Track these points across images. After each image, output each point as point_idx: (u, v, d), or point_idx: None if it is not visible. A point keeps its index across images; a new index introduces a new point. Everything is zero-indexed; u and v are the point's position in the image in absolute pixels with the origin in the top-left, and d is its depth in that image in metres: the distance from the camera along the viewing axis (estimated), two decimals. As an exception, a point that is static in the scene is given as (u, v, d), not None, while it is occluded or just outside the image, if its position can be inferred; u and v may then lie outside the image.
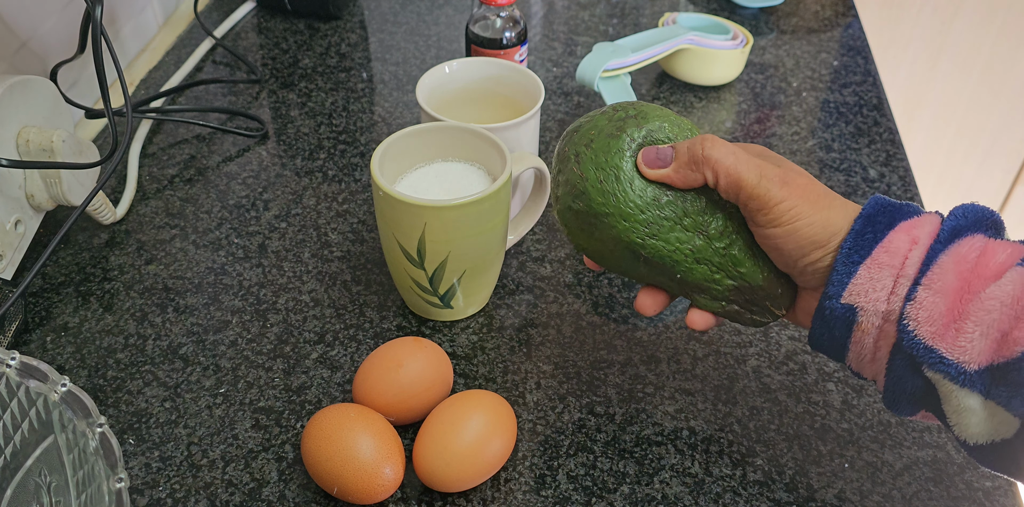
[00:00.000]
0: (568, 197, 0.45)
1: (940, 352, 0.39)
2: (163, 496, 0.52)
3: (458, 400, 0.52)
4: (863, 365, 0.43)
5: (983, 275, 0.39)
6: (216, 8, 0.96)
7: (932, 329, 0.39)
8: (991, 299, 0.38)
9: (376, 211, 0.57)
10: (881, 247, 0.41)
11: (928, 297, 0.39)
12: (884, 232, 0.41)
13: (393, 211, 0.54)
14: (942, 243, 0.40)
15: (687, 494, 0.52)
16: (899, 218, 0.42)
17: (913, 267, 0.40)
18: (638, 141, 0.45)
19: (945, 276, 0.39)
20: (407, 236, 0.55)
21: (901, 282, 0.40)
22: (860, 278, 0.41)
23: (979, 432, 0.40)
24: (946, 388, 0.39)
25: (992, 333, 0.38)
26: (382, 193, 0.54)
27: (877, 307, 0.41)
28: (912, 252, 0.40)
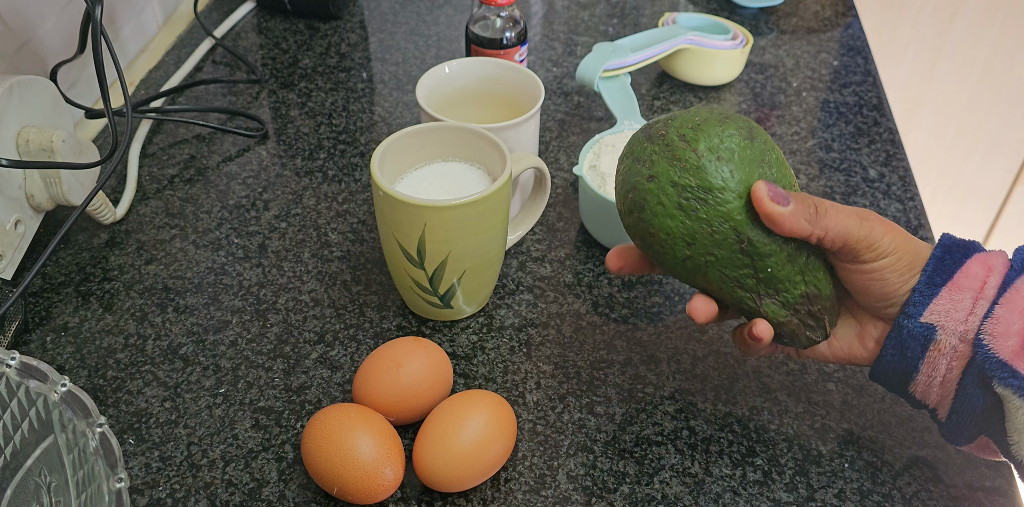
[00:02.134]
0: (673, 171, 0.44)
1: (1013, 366, 0.41)
2: (163, 496, 0.52)
3: (458, 400, 0.52)
4: (931, 389, 0.46)
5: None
6: (216, 8, 0.96)
7: (1007, 344, 0.42)
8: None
9: (376, 211, 0.57)
10: (961, 272, 0.44)
11: (1004, 314, 0.42)
12: (962, 260, 0.45)
13: (393, 211, 0.54)
14: (1016, 271, 0.44)
15: (687, 494, 0.52)
16: (973, 250, 0.45)
17: (992, 289, 0.43)
18: (744, 132, 0.45)
19: (1020, 296, 0.42)
20: (407, 236, 0.55)
21: (980, 303, 0.44)
22: (941, 299, 0.44)
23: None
24: (1014, 404, 0.41)
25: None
26: (382, 193, 0.54)
27: (956, 327, 0.44)
28: (990, 277, 0.44)
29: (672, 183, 0.45)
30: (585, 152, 0.68)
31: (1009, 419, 0.42)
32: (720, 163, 0.44)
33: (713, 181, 0.44)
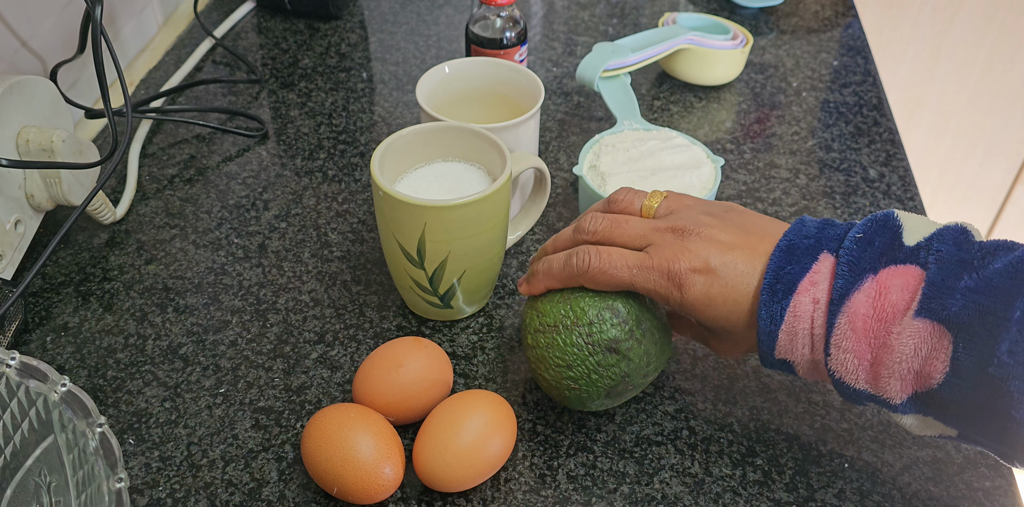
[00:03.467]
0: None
1: (867, 391, 0.44)
2: (163, 496, 0.52)
3: (458, 400, 0.52)
4: (816, 378, 0.48)
5: (882, 319, 0.43)
6: (216, 8, 0.96)
7: (853, 377, 0.44)
8: (896, 351, 0.42)
9: (376, 211, 0.57)
10: (790, 313, 0.45)
11: (839, 354, 0.44)
12: (787, 298, 0.45)
13: (393, 211, 0.54)
14: (835, 304, 0.44)
15: (687, 494, 0.52)
16: (798, 276, 0.45)
17: (820, 327, 0.44)
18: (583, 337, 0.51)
19: (847, 335, 0.43)
20: (407, 236, 0.55)
21: (816, 340, 0.45)
22: (782, 341, 0.46)
23: (925, 433, 0.45)
24: (885, 411, 0.46)
25: (907, 375, 0.42)
26: (382, 193, 0.54)
27: (805, 357, 0.46)
28: (815, 313, 0.45)
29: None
30: (585, 152, 0.68)
31: (888, 414, 0.46)
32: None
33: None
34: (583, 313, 0.50)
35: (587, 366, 0.50)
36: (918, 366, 0.42)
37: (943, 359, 0.41)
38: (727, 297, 0.47)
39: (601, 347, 0.50)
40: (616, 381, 0.50)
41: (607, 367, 0.50)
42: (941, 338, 0.41)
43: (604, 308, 0.50)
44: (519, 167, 0.58)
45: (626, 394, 0.52)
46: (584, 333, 0.50)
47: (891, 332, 0.42)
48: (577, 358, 0.50)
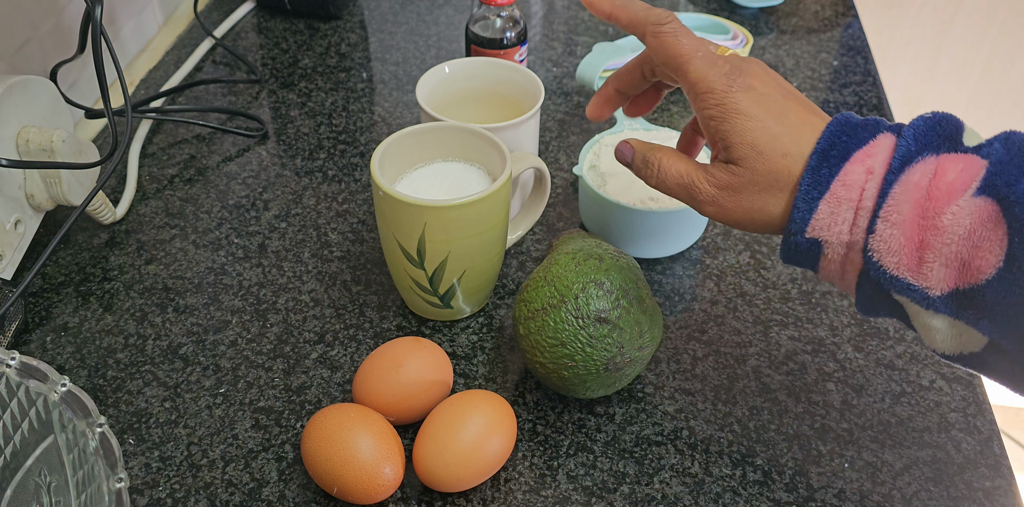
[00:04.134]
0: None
1: (905, 280, 0.40)
2: (163, 496, 0.52)
3: (458, 400, 0.52)
4: (834, 281, 0.45)
5: (936, 198, 0.39)
6: (216, 8, 0.96)
7: (895, 259, 0.40)
8: (948, 232, 0.39)
9: (376, 211, 0.57)
10: (838, 181, 0.41)
11: (886, 229, 0.40)
12: (839, 165, 0.41)
13: (393, 211, 0.54)
14: (894, 173, 0.40)
15: (687, 494, 0.52)
16: (854, 147, 0.42)
17: (870, 199, 0.41)
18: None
19: (900, 207, 0.40)
20: (407, 236, 0.55)
21: (861, 214, 0.41)
22: (821, 213, 0.42)
23: (947, 346, 0.41)
24: (913, 309, 0.41)
25: (953, 263, 0.39)
26: (382, 193, 0.54)
27: (841, 239, 0.42)
28: (868, 183, 0.41)
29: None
30: (585, 152, 0.68)
31: (913, 320, 0.42)
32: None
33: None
34: (568, 290, 0.51)
35: (580, 340, 0.50)
36: (967, 253, 0.38)
37: (997, 251, 0.38)
38: (775, 143, 0.43)
39: (591, 319, 0.50)
40: (612, 352, 0.51)
41: (600, 338, 0.50)
42: (998, 226, 0.38)
43: (588, 282, 0.51)
44: (519, 167, 0.58)
45: (624, 370, 0.52)
46: (572, 308, 0.51)
47: (944, 212, 0.39)
48: (569, 334, 0.50)
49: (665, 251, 0.66)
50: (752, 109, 0.44)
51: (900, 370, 0.59)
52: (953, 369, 0.59)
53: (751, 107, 0.44)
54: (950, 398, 0.57)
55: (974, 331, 0.39)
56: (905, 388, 0.58)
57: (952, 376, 0.59)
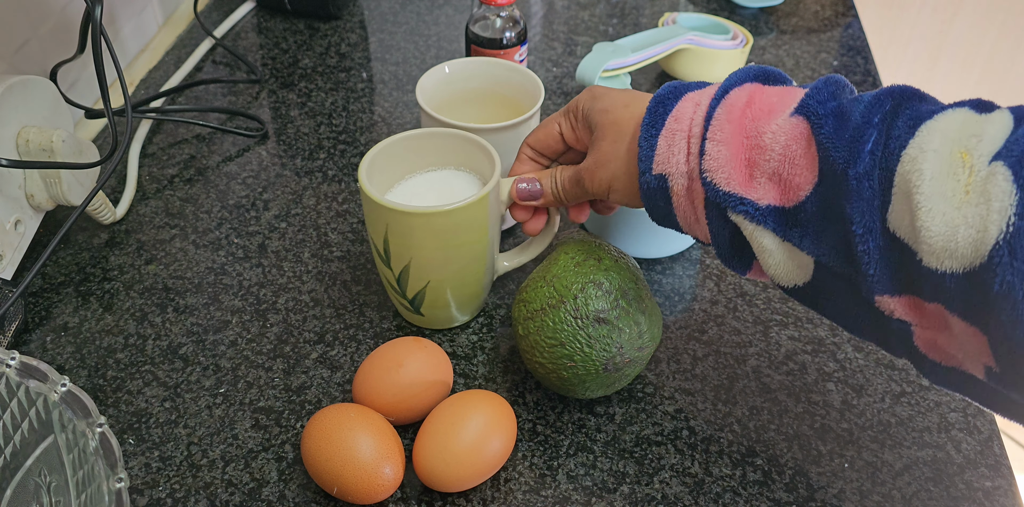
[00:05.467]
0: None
1: (736, 194, 0.43)
2: (163, 496, 0.52)
3: (458, 400, 0.52)
4: (693, 227, 0.48)
5: (757, 119, 0.43)
6: (216, 8, 0.96)
7: (724, 175, 0.43)
8: (768, 150, 0.42)
9: (363, 210, 0.57)
10: (671, 117, 0.46)
11: (713, 148, 0.44)
12: (672, 104, 0.47)
13: (365, 205, 0.54)
14: (717, 99, 0.45)
15: (687, 494, 0.52)
16: (685, 91, 0.47)
17: (698, 126, 0.45)
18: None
19: (723, 127, 0.44)
20: (375, 232, 0.55)
21: (693, 142, 0.45)
22: (660, 148, 0.46)
23: (783, 274, 0.44)
24: (747, 229, 0.44)
25: (776, 179, 0.42)
26: (361, 190, 0.54)
27: (680, 169, 0.46)
28: (695, 114, 0.45)
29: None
30: (585, 152, 0.68)
31: (751, 245, 0.44)
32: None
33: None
34: (567, 291, 0.51)
35: (579, 340, 0.50)
36: (786, 171, 0.42)
37: (811, 168, 0.41)
38: (617, 101, 0.50)
39: (590, 319, 0.50)
40: (611, 353, 0.51)
41: (599, 339, 0.50)
42: (810, 144, 0.41)
43: (586, 283, 0.51)
44: (503, 188, 0.56)
45: (624, 371, 0.52)
46: (571, 309, 0.51)
47: (765, 131, 0.43)
48: (568, 334, 0.51)
49: (665, 251, 0.66)
50: (604, 92, 0.52)
51: (900, 370, 0.59)
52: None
53: (603, 92, 0.52)
54: (950, 398, 0.57)
55: (800, 253, 0.42)
56: (905, 388, 0.58)
57: (952, 376, 0.59)
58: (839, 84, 0.44)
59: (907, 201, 0.37)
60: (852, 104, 0.41)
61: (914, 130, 0.38)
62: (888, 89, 0.42)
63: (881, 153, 0.39)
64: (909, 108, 0.40)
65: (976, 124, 0.37)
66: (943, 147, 0.37)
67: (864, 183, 0.39)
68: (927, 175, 0.37)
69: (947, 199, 0.36)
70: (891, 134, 0.39)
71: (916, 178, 0.37)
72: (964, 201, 0.35)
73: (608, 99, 0.51)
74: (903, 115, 0.39)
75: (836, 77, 0.44)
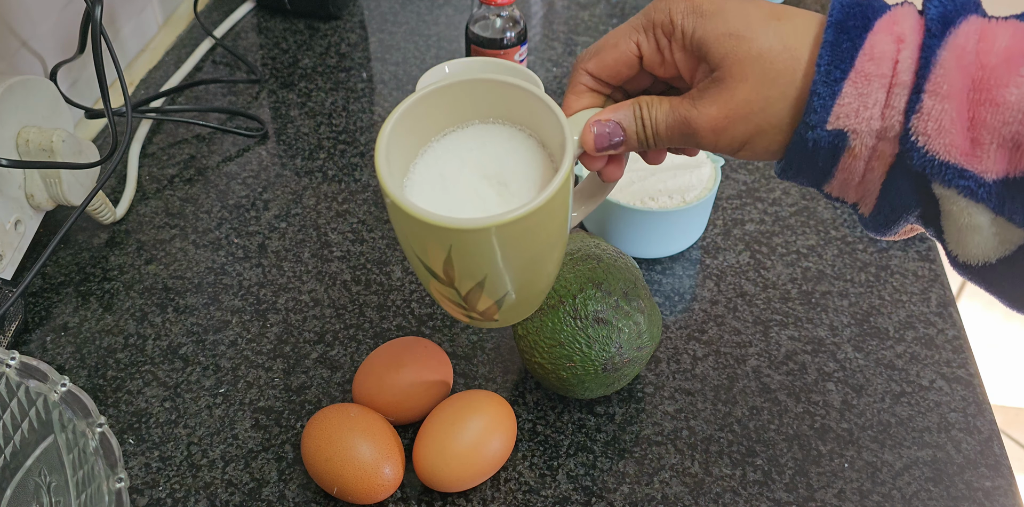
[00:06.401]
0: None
1: (957, 165, 0.34)
2: (163, 496, 0.52)
3: (458, 400, 0.52)
4: (848, 188, 0.38)
5: (989, 65, 0.33)
6: (216, 8, 0.96)
7: (945, 140, 0.34)
8: (1011, 108, 0.33)
9: (391, 219, 0.43)
10: (864, 54, 0.34)
11: (935, 105, 0.33)
12: (862, 35, 0.35)
13: (408, 227, 0.39)
14: (936, 37, 0.34)
15: (687, 494, 0.52)
16: (874, 16, 0.35)
17: (908, 72, 0.34)
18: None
19: (949, 76, 0.33)
20: (429, 257, 0.40)
21: (896, 92, 0.34)
22: (847, 97, 0.35)
23: (979, 252, 0.36)
24: (956, 206, 0.35)
25: (1009, 144, 0.33)
26: (390, 201, 0.39)
27: (871, 126, 0.35)
28: (902, 54, 0.34)
29: None
30: (585, 152, 0.68)
31: (947, 219, 0.35)
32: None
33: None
34: (565, 291, 0.51)
35: (579, 341, 0.50)
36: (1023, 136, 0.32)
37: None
38: (758, 25, 0.36)
39: (589, 319, 0.50)
40: (610, 353, 0.51)
41: (598, 339, 0.50)
42: None
43: (585, 283, 0.51)
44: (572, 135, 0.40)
45: (623, 371, 0.52)
46: (570, 309, 0.51)
47: (1007, 84, 0.33)
48: (568, 334, 0.51)
49: (665, 251, 0.66)
50: (721, 5, 0.37)
51: (900, 370, 0.59)
52: (953, 369, 0.59)
53: (721, 6, 0.37)
54: (950, 398, 0.57)
55: (1014, 229, 0.34)
56: (905, 388, 0.58)
57: (952, 376, 0.59)
58: None
59: None
60: None
61: None
62: None
63: None
64: None
65: None
66: None
67: None
68: None
69: None
70: None
71: None
72: None
73: (733, 17, 0.36)
74: None
75: None
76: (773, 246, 0.68)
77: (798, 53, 0.35)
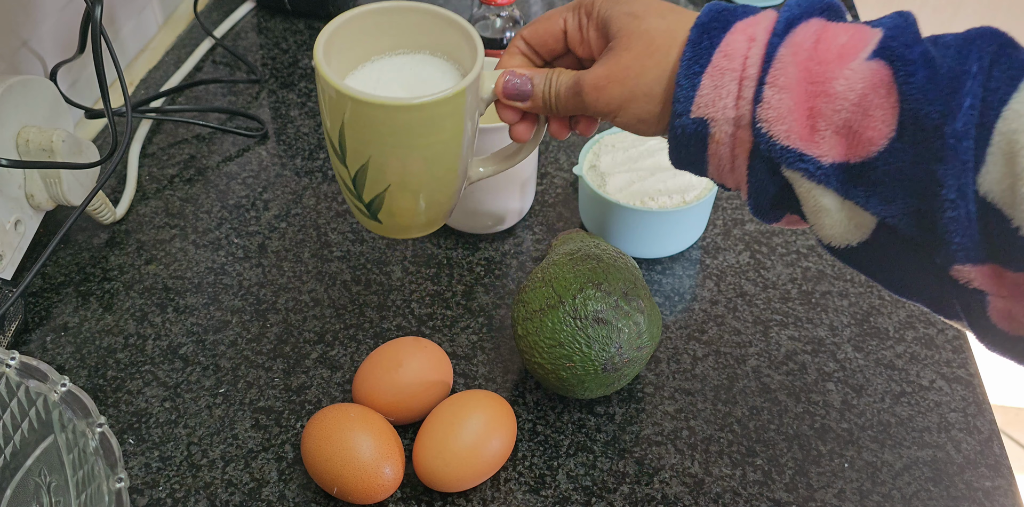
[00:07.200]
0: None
1: (796, 149, 0.38)
2: (163, 496, 0.52)
3: (458, 400, 0.52)
4: (724, 176, 0.43)
5: (827, 62, 0.38)
6: (216, 8, 0.96)
7: (784, 127, 0.38)
8: (840, 98, 0.37)
9: (318, 98, 0.49)
10: (719, 52, 0.39)
11: (774, 95, 0.38)
12: (720, 35, 0.40)
13: (321, 92, 0.46)
14: (779, 36, 0.38)
15: (687, 494, 0.52)
16: (734, 19, 0.40)
17: (754, 67, 0.39)
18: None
19: (786, 70, 0.38)
20: (331, 122, 0.46)
21: (746, 84, 0.39)
22: (704, 88, 0.40)
23: (836, 233, 0.39)
24: (803, 188, 0.39)
25: (843, 132, 0.37)
26: (317, 72, 0.45)
27: (727, 115, 0.40)
28: (751, 50, 0.39)
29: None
30: (585, 152, 0.68)
31: (803, 203, 0.40)
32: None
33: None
34: (565, 291, 0.51)
35: (579, 341, 0.50)
36: (858, 122, 0.37)
37: (889, 120, 0.36)
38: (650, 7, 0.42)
39: (589, 320, 0.50)
40: (610, 353, 0.51)
41: (598, 339, 0.50)
42: (890, 92, 0.36)
43: (585, 283, 0.51)
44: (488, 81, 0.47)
45: (623, 371, 0.52)
46: (569, 309, 0.51)
47: (836, 76, 0.37)
48: (567, 334, 0.51)
49: (665, 251, 0.66)
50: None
51: (900, 370, 0.59)
52: (953, 369, 0.59)
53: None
54: (950, 398, 0.57)
55: (864, 213, 0.38)
56: (905, 388, 0.58)
57: (952, 376, 0.59)
58: (915, 22, 0.38)
59: (1009, 164, 0.33)
60: (939, 49, 0.36)
61: (1017, 82, 0.34)
62: (977, 31, 0.37)
63: (980, 108, 0.34)
64: (1006, 56, 0.35)
65: None
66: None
67: (963, 143, 0.34)
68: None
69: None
70: (988, 86, 0.34)
71: (1023, 139, 0.33)
72: None
73: (639, 4, 0.43)
74: (1001, 64, 0.35)
75: (908, 14, 0.39)
76: (773, 246, 0.68)
77: (676, 35, 0.41)
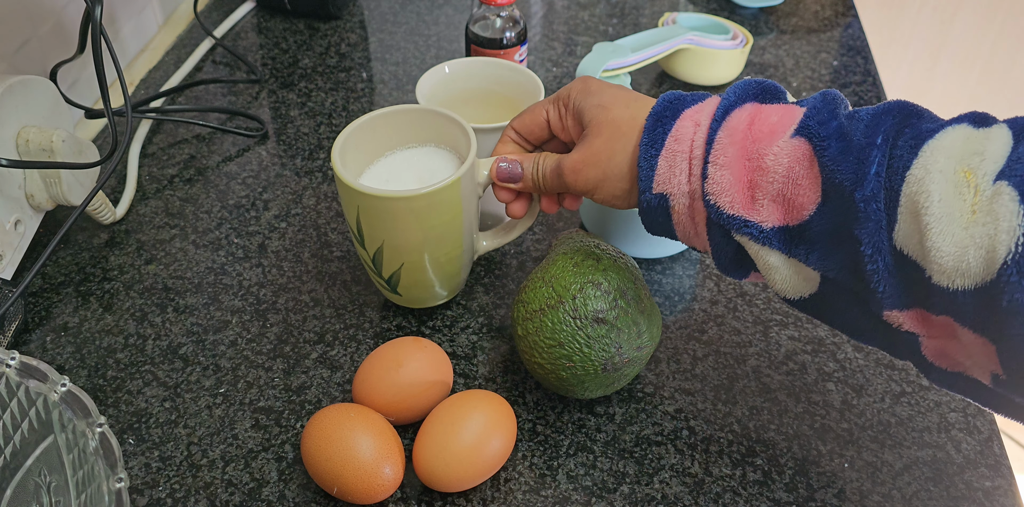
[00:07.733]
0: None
1: (741, 216, 0.44)
2: (163, 496, 0.52)
3: (458, 400, 0.52)
4: (691, 240, 0.48)
5: (759, 140, 0.43)
6: (216, 8, 0.96)
7: (728, 198, 0.44)
8: (771, 172, 0.43)
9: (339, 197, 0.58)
10: (671, 137, 0.46)
11: (716, 172, 0.44)
12: (671, 122, 0.47)
13: (339, 187, 0.54)
14: (717, 121, 0.45)
15: (687, 494, 0.52)
16: (683, 107, 0.47)
17: (699, 148, 0.45)
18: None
19: (725, 150, 0.44)
20: (349, 214, 0.55)
21: (695, 163, 0.45)
22: (661, 168, 0.46)
23: (788, 287, 0.45)
24: (753, 249, 0.44)
25: (779, 200, 0.43)
26: (335, 175, 0.54)
27: (682, 189, 0.46)
28: (696, 135, 0.46)
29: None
30: (585, 152, 0.68)
31: (756, 261, 0.45)
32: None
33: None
34: (565, 291, 0.51)
35: (578, 341, 0.50)
36: (790, 191, 0.42)
37: (815, 188, 0.41)
38: (617, 100, 0.50)
39: (589, 319, 0.50)
40: (610, 353, 0.51)
41: (598, 339, 0.50)
42: (812, 164, 0.42)
43: (585, 283, 0.51)
44: (483, 168, 0.55)
45: (623, 371, 0.52)
46: (569, 309, 0.51)
47: (767, 153, 0.43)
48: (567, 334, 0.51)
49: (665, 251, 0.66)
50: (600, 87, 0.52)
51: (900, 370, 0.59)
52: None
53: (599, 87, 0.52)
54: (950, 398, 0.57)
55: (807, 268, 0.43)
56: (905, 388, 0.58)
57: (952, 376, 0.59)
58: (836, 100, 0.44)
59: (915, 221, 0.38)
60: (852, 123, 0.42)
61: (917, 150, 0.39)
62: (886, 106, 0.42)
63: (886, 174, 0.39)
64: (910, 126, 0.40)
65: (977, 141, 0.38)
66: (947, 167, 0.38)
67: (871, 205, 0.39)
68: (935, 196, 0.37)
69: (955, 219, 0.36)
70: (894, 154, 0.39)
71: (924, 199, 0.37)
72: (971, 221, 0.36)
73: (606, 95, 0.51)
74: (905, 134, 0.40)
75: (832, 92, 0.45)
76: (773, 246, 0.68)
77: (637, 122, 0.48)
